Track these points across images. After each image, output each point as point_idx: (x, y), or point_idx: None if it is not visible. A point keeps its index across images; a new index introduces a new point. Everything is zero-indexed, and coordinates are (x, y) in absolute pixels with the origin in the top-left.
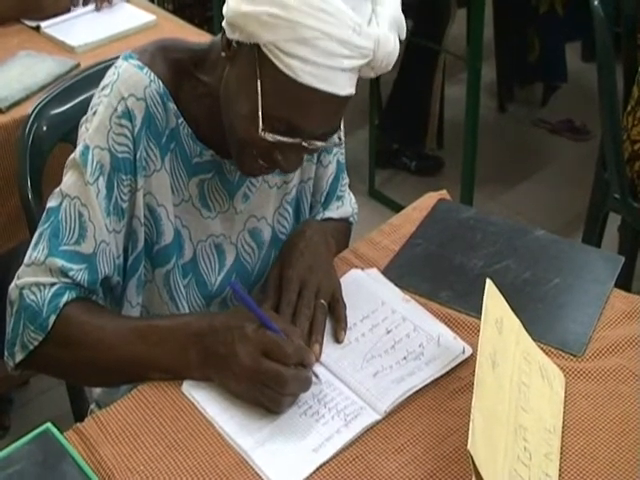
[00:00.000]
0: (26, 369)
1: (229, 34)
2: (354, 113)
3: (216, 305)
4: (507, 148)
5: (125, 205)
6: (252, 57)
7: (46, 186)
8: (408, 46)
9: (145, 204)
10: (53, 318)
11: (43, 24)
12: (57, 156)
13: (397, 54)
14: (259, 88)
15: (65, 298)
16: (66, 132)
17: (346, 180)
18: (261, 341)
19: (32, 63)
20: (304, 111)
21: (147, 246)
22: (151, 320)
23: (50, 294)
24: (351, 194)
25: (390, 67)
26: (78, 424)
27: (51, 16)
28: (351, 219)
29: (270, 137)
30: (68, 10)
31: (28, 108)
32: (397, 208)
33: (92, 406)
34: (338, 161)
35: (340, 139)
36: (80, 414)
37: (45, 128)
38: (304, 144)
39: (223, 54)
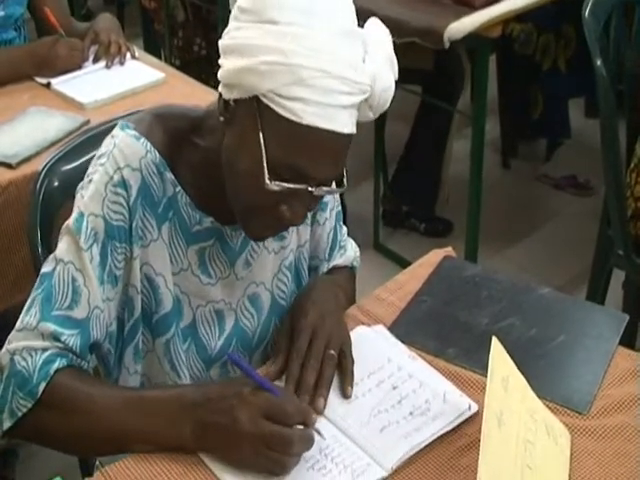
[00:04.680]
0: (13, 437)
1: (227, 95)
2: (359, 165)
3: (216, 369)
4: (511, 203)
5: (119, 273)
6: (252, 110)
7: (56, 242)
8: (421, 107)
9: (143, 274)
10: (43, 385)
11: (53, 81)
12: (67, 212)
13: (393, 92)
14: (262, 139)
15: (56, 365)
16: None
17: (344, 228)
18: (261, 404)
19: (42, 119)
20: (309, 153)
21: (146, 315)
22: (142, 391)
23: (41, 361)
24: (351, 239)
25: (387, 105)
26: (87, 479)
27: (63, 72)
28: (354, 263)
29: (276, 186)
30: (79, 67)
31: (38, 164)
32: (401, 261)
33: (97, 462)
34: (336, 213)
35: (344, 184)
36: (86, 468)
37: (56, 184)
38: (310, 189)
39: (222, 118)
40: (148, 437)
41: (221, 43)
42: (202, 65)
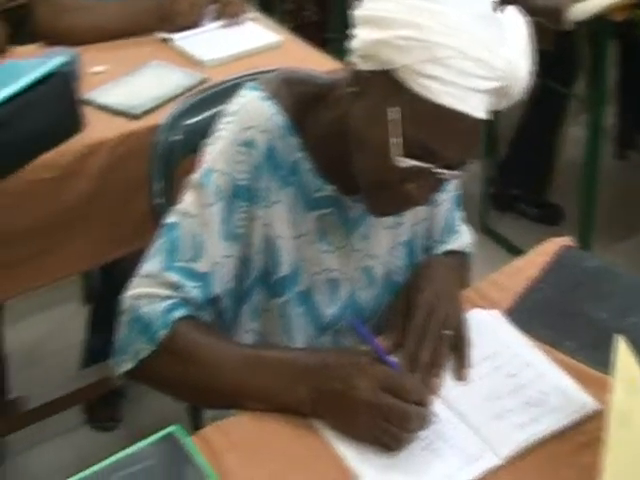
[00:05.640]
0: (132, 379)
1: (360, 65)
2: None
3: (328, 337)
4: (625, 196)
5: (241, 231)
6: (385, 84)
7: (175, 194)
8: (536, 89)
9: (264, 235)
10: (164, 332)
11: (174, 36)
12: (187, 165)
13: (527, 81)
14: (394, 115)
15: (177, 314)
16: (196, 143)
17: (460, 213)
18: (380, 375)
19: (162, 73)
20: (440, 133)
21: (264, 276)
22: (260, 349)
23: (163, 308)
24: (465, 226)
25: (521, 95)
26: (201, 430)
27: (182, 28)
28: (468, 250)
29: (404, 163)
30: (197, 24)
31: (158, 117)
32: (509, 246)
33: (208, 413)
34: (453, 196)
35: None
36: (195, 416)
37: (177, 137)
38: (438, 170)
39: (352, 89)
40: (264, 396)
41: (356, 13)
42: (312, 31)
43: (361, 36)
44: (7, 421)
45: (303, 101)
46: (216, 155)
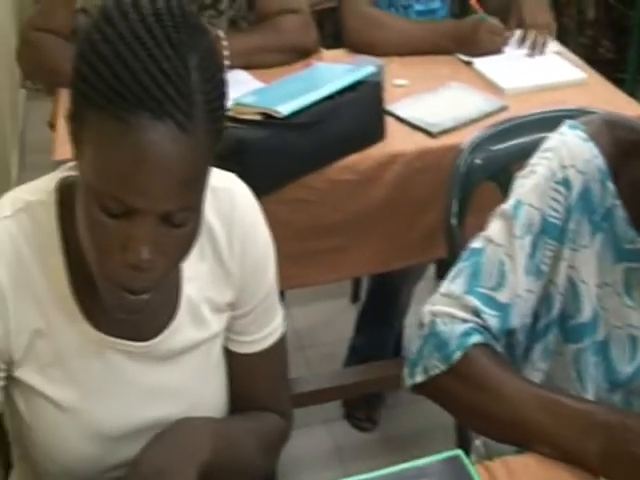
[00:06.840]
0: (419, 393)
1: None
2: None
3: (619, 395)
4: None
5: (545, 268)
6: None
7: (467, 214)
8: None
9: (567, 276)
10: (459, 354)
11: (475, 60)
12: (486, 191)
13: None
14: None
15: (474, 339)
16: (495, 172)
17: None
18: None
19: (461, 95)
20: None
21: (561, 318)
22: (554, 393)
23: (461, 330)
24: None
25: None
26: (487, 462)
27: (484, 53)
28: None
29: None
30: (500, 50)
31: (456, 137)
32: None
33: (478, 442)
34: None
35: None
36: (462, 437)
37: (478, 161)
38: None
39: None
40: (553, 441)
41: None
42: (606, 69)
43: None
44: None
45: (623, 147)
46: (529, 189)
